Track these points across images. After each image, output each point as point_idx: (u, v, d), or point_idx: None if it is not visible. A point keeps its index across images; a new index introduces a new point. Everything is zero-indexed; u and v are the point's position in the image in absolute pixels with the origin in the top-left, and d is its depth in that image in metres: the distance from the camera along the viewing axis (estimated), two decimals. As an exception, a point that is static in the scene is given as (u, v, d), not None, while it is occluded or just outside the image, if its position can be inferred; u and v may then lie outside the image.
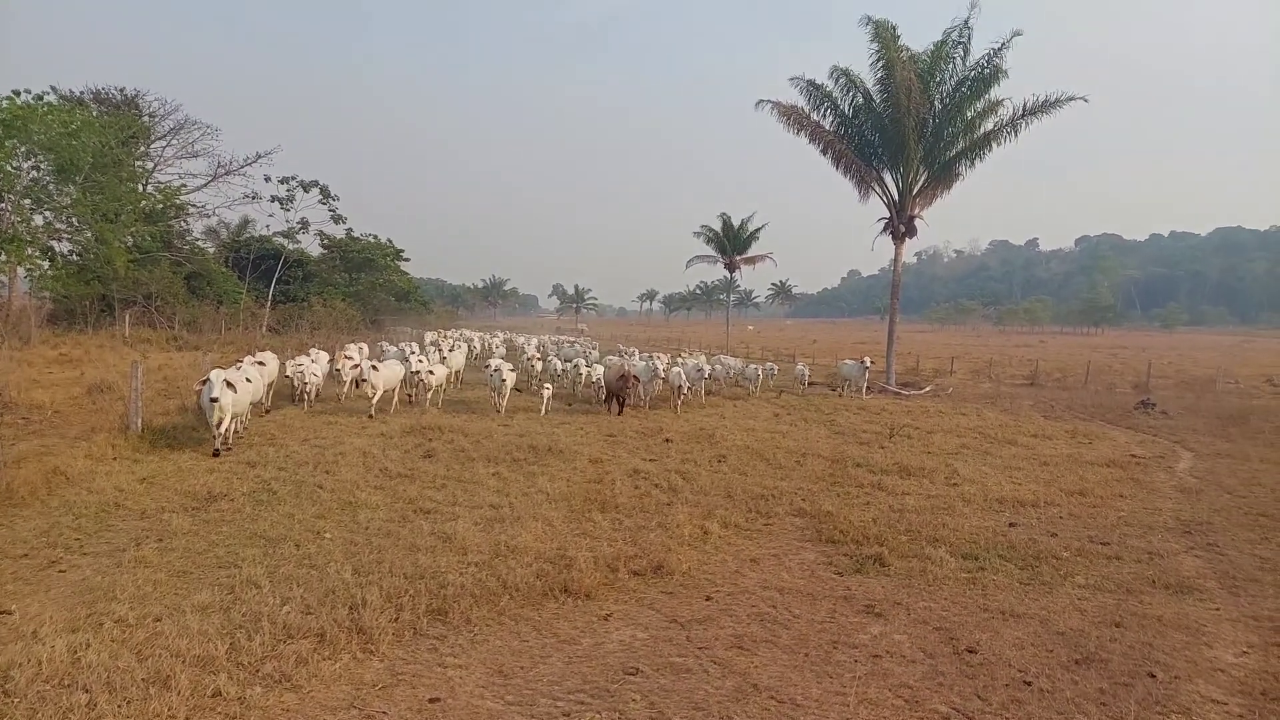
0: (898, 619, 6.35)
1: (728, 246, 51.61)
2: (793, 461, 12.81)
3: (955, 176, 27.39)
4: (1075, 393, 27.99)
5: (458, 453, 12.42)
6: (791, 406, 21.09)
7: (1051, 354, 52.83)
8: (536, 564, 7.12)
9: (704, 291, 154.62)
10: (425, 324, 62.17)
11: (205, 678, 4.81)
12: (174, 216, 43.70)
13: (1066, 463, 13.55)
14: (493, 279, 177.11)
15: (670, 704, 4.84)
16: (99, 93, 42.49)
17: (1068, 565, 7.84)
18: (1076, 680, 5.32)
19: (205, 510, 8.79)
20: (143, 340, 32.32)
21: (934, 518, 9.40)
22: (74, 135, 32.16)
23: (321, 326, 43.19)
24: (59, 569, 6.81)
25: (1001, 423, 18.73)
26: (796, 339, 75.01)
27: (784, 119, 27.54)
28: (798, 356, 41.43)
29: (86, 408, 14.95)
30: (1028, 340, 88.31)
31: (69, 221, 34.27)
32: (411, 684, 5.00)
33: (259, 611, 5.80)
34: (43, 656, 4.89)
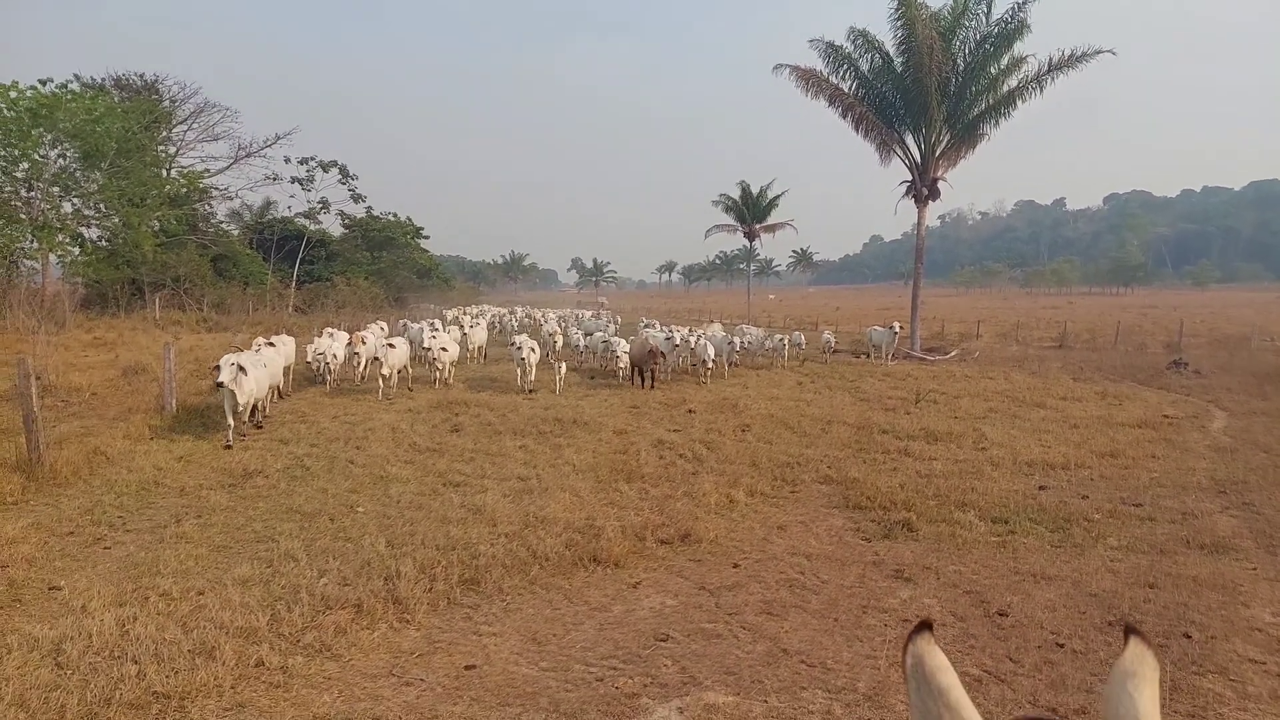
0: (927, 583, 6.37)
1: (747, 215, 51.31)
2: (818, 429, 12.80)
3: (979, 137, 26.87)
4: (1105, 354, 27.61)
5: (484, 427, 12.55)
6: (816, 374, 21.02)
7: (1080, 315, 52.09)
8: (565, 534, 7.22)
9: (724, 261, 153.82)
10: (448, 301, 62.51)
11: (248, 648, 4.95)
12: (198, 200, 44.09)
13: (1097, 424, 13.42)
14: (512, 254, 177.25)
15: (702, 668, 4.92)
16: (120, 79, 42.78)
17: (1099, 527, 7.80)
18: (1110, 641, 5.31)
19: (242, 486, 8.98)
20: (173, 322, 32.77)
21: (962, 482, 9.38)
22: (98, 122, 32.49)
23: (346, 305, 43.55)
24: (104, 545, 7.01)
25: (1030, 386, 18.55)
26: (819, 307, 74.53)
27: (802, 83, 27.12)
28: (821, 324, 41.23)
29: (122, 389, 15.24)
30: (1055, 302, 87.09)
31: (97, 207, 34.74)
32: (448, 652, 5.11)
33: (298, 584, 5.95)
34: (93, 630, 5.06)
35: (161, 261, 36.75)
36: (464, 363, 22.66)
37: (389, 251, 57.83)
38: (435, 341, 17.89)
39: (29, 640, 4.96)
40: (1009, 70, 25.78)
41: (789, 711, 4.40)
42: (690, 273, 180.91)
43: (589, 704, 4.48)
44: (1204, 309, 60.06)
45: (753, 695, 4.59)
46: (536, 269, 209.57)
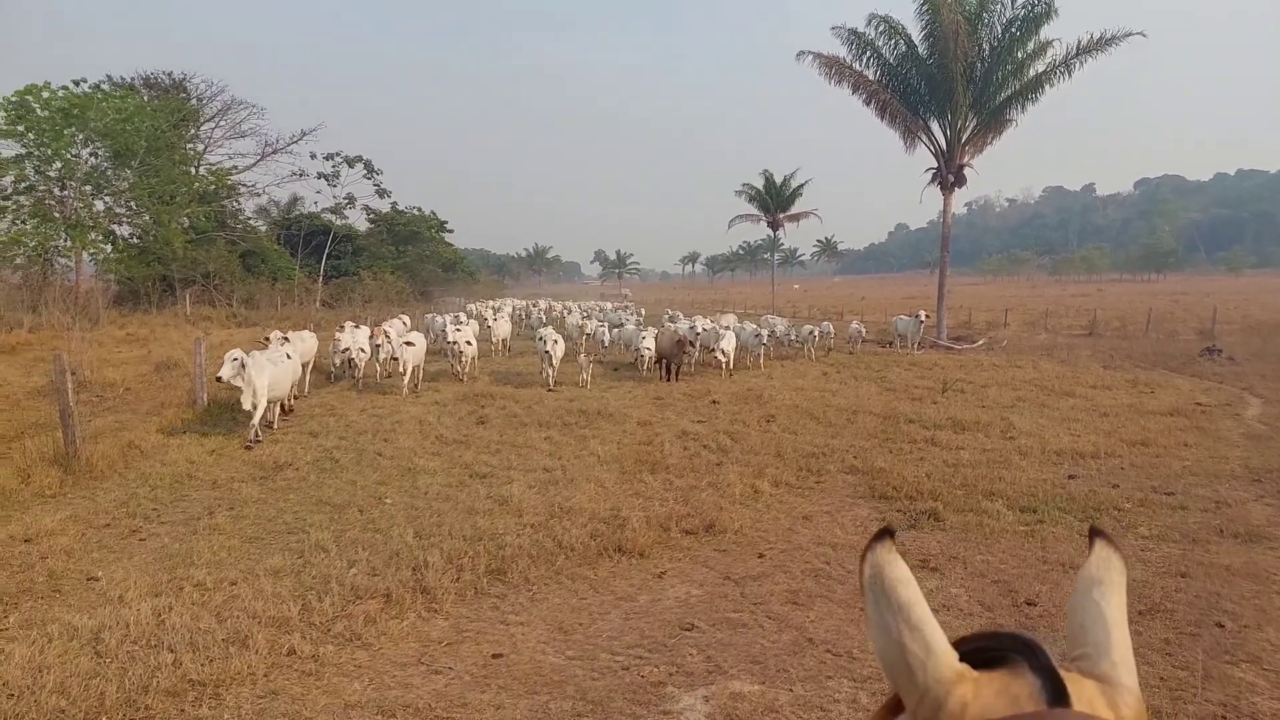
0: (954, 573, 6.34)
1: (770, 204, 50.95)
2: (843, 419, 12.75)
3: (1006, 122, 26.48)
4: (1136, 341, 27.21)
5: (510, 418, 12.63)
6: (841, 364, 20.89)
7: (1110, 302, 51.36)
8: (591, 524, 7.26)
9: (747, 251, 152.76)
10: (473, 294, 62.82)
11: (281, 637, 5.04)
12: (226, 196, 44.69)
13: (1127, 413, 13.25)
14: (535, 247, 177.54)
15: (727, 658, 4.94)
16: (148, 78, 43.39)
17: (1130, 516, 7.71)
18: (1140, 631, 5.27)
19: (272, 479, 9.12)
20: (204, 318, 33.26)
21: (990, 471, 9.30)
22: (128, 121, 33.01)
23: (373, 300, 43.92)
24: (139, 537, 7.15)
25: (1058, 374, 18.33)
26: (844, 296, 74.09)
27: (825, 70, 26.87)
28: (846, 314, 40.97)
29: (155, 384, 15.51)
30: (1085, 289, 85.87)
31: (128, 205, 35.31)
32: (476, 640, 5.17)
33: (328, 574, 6.04)
34: (130, 619, 5.17)
35: (191, 258, 37.30)
36: (487, 355, 22.81)
37: (414, 246, 58.22)
38: (460, 335, 17.59)
39: (69, 629, 5.09)
40: (1036, 54, 25.37)
41: (815, 700, 4.41)
42: (714, 263, 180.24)
43: (615, 692, 4.51)
44: (1238, 295, 58.94)
45: (778, 684, 4.61)
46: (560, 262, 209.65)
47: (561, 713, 4.30)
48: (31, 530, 7.08)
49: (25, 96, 31.42)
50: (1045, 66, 25.33)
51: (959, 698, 0.80)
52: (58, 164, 32.37)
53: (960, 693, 0.80)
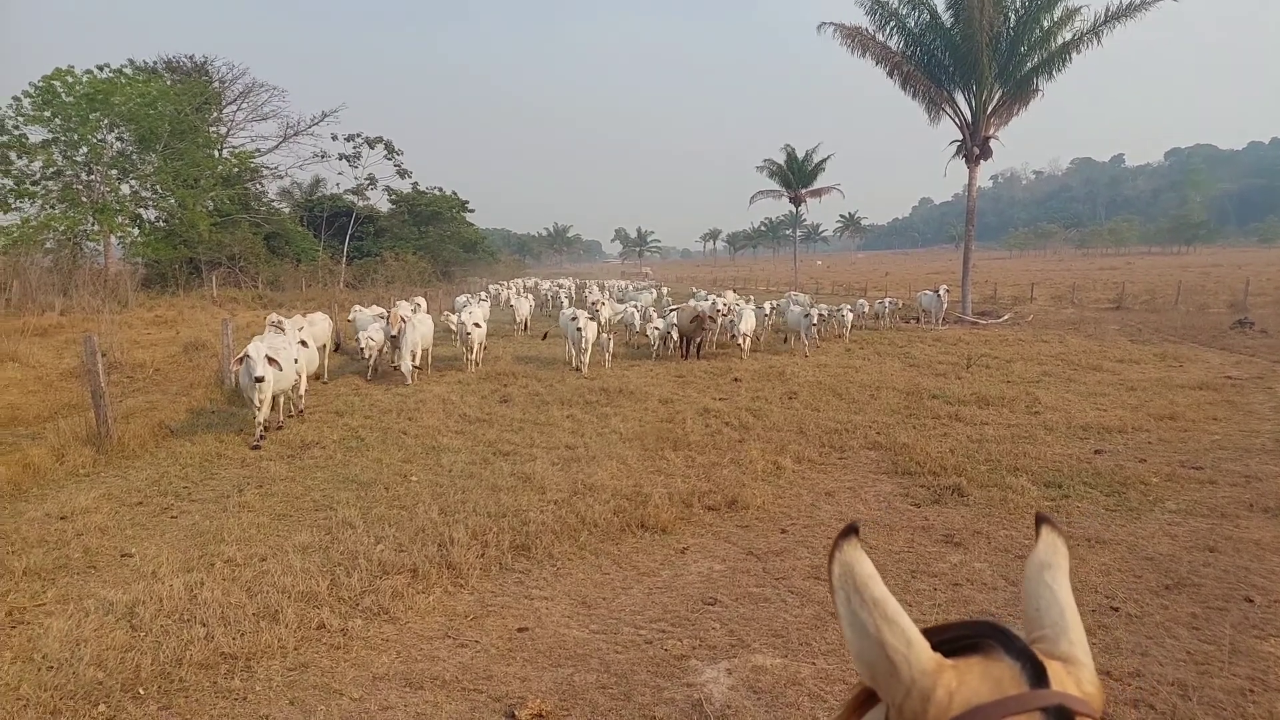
0: (978, 548, 6.32)
1: (792, 180, 50.48)
2: (866, 395, 12.69)
3: (1032, 93, 25.99)
4: (1165, 315, 26.83)
5: (532, 397, 12.70)
6: (864, 341, 20.77)
7: (1139, 275, 50.58)
8: (613, 501, 7.30)
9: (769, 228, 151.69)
10: (494, 273, 62.95)
11: (310, 611, 5.13)
12: (250, 179, 44.99)
13: (1155, 387, 13.08)
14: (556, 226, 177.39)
15: (750, 632, 4.97)
16: (170, 61, 43.64)
17: (1157, 491, 7.64)
18: (1167, 605, 5.24)
19: (300, 457, 9.25)
20: (230, 299, 33.60)
21: (1015, 447, 9.24)
22: (152, 105, 33.29)
23: (395, 280, 44.14)
24: (171, 515, 7.29)
25: (1085, 348, 18.13)
26: (868, 272, 73.46)
27: (848, 41, 26.50)
28: (870, 290, 40.64)
29: (183, 365, 15.74)
30: (1113, 262, 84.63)
31: (153, 189, 35.67)
32: (501, 615, 5.24)
33: (355, 550, 6.13)
34: (163, 594, 5.28)
35: (217, 240, 37.65)
36: (510, 336, 22.89)
37: (435, 226, 58.33)
38: (469, 318, 16.03)
39: (104, 604, 5.21)
40: (1063, 22, 24.86)
41: (837, 673, 4.43)
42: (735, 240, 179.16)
43: (639, 665, 4.56)
44: (1271, 267, 57.71)
45: (801, 657, 4.63)
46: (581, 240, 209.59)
47: (586, 685, 4.36)
48: (67, 508, 7.24)
49: (52, 82, 31.74)
50: (1072, 34, 24.83)
51: (945, 686, 0.82)
52: (84, 149, 32.72)
53: (945, 681, 0.82)
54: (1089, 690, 0.83)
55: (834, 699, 4.20)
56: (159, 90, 34.57)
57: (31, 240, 31.04)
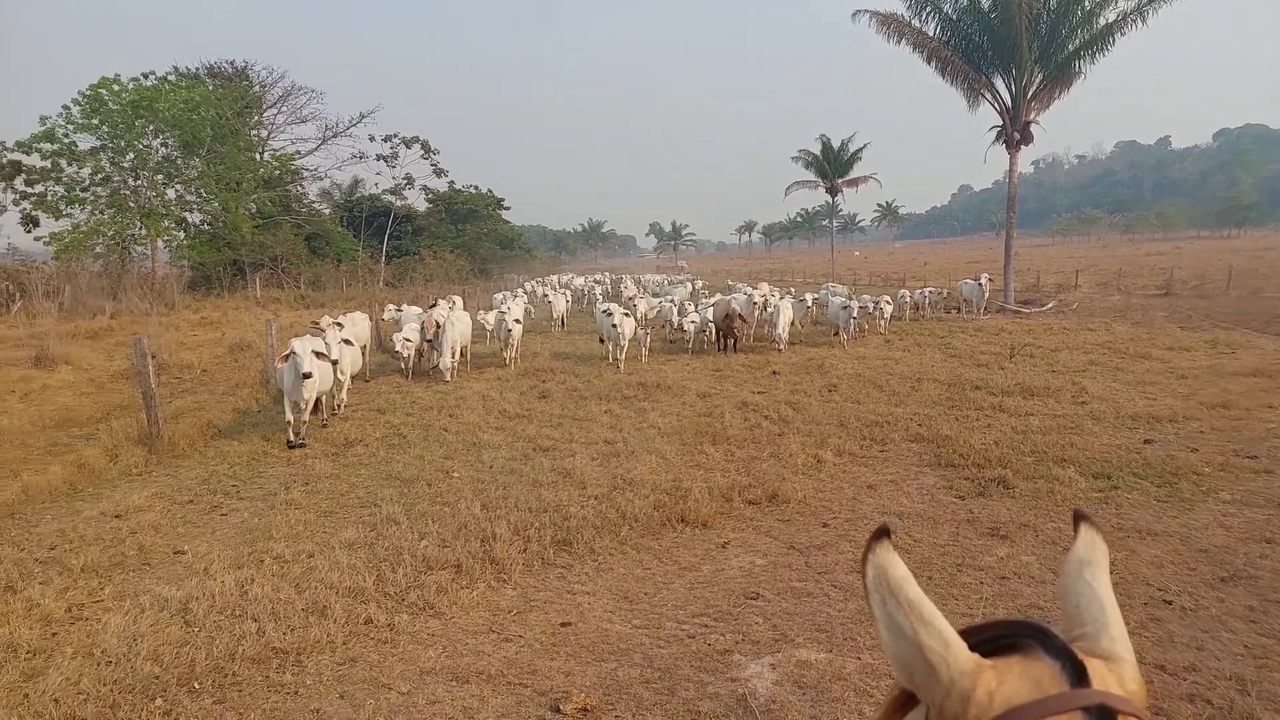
0: (1025, 541, 6.23)
1: (828, 169, 49.90)
2: (907, 387, 12.55)
3: (1074, 76, 25.41)
4: (1215, 300, 26.13)
5: (570, 392, 12.76)
6: (904, 332, 20.53)
7: (1187, 261, 49.28)
8: (653, 495, 7.30)
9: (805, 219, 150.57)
10: (530, 270, 63.27)
11: (357, 606, 5.21)
12: (290, 181, 45.75)
13: (1207, 375, 12.76)
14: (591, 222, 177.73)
15: (793, 626, 4.95)
16: (212, 67, 44.52)
17: (1210, 481, 7.45)
18: (1222, 598, 5.11)
19: (344, 455, 9.39)
20: (273, 300, 34.18)
21: (1061, 438, 9.07)
22: (195, 110, 33.96)
23: (434, 279, 44.58)
24: (220, 512, 7.45)
25: (1133, 336, 17.74)
26: (906, 262, 72.54)
27: (883, 28, 26.15)
28: (909, 280, 40.13)
29: (229, 365, 16.07)
30: (1160, 248, 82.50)
31: (198, 193, 36.45)
32: (544, 609, 5.27)
33: (400, 546, 6.21)
34: (215, 590, 5.41)
35: (259, 242, 38.34)
36: (547, 332, 23.02)
37: (472, 224, 58.77)
38: (508, 314, 16.24)
39: (159, 600, 5.35)
40: (1105, 2, 24.28)
41: (882, 668, 4.39)
42: (771, 232, 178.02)
43: (682, 660, 4.57)
44: (1328, 249, 55.97)
45: (845, 652, 4.60)
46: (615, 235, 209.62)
47: (630, 679, 4.37)
48: (121, 507, 7.45)
49: (99, 90, 32.55)
50: (1116, 15, 24.23)
51: (985, 687, 0.81)
52: (130, 155, 33.53)
53: (985, 681, 0.82)
54: (1131, 688, 0.83)
55: (879, 694, 4.17)
56: (201, 95, 35.30)
57: (82, 245, 31.91)
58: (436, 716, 4.07)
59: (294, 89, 47.22)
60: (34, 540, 6.71)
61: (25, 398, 12.66)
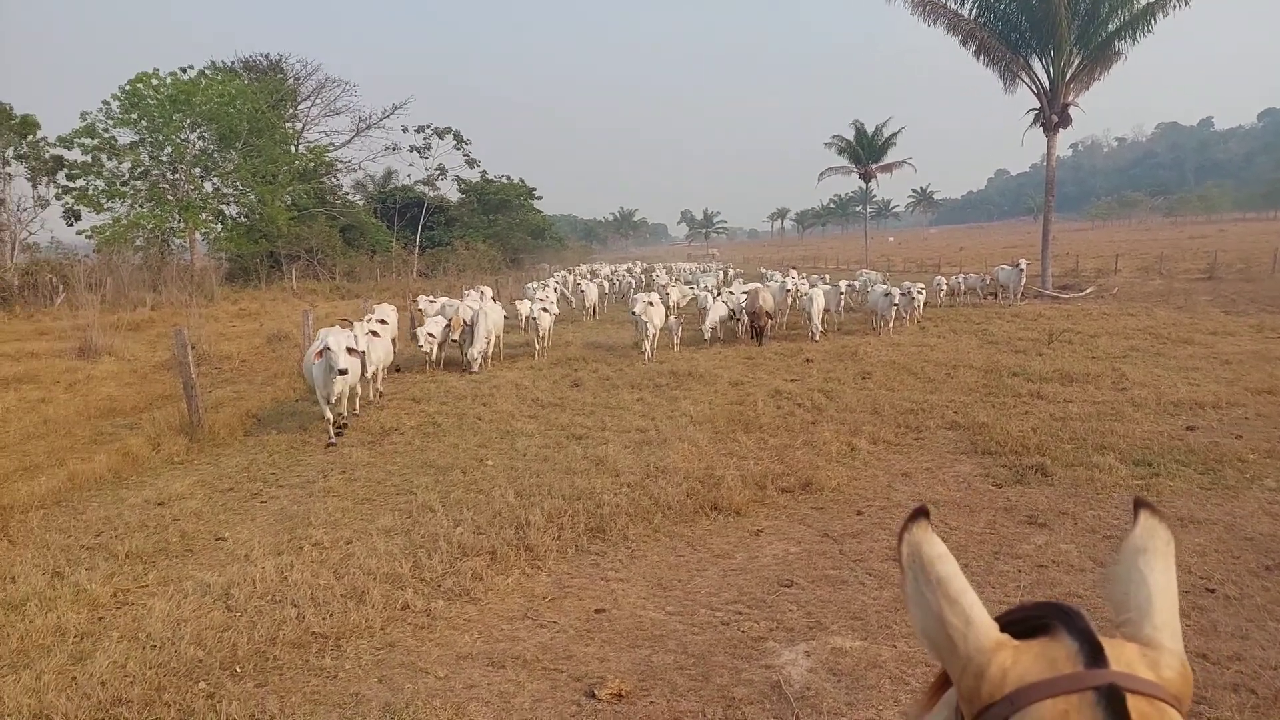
0: (1063, 529, 6.14)
1: (862, 155, 49.33)
2: (943, 374, 12.40)
3: (1114, 56, 24.81)
4: (1261, 284, 25.47)
5: (603, 381, 12.79)
6: (939, 318, 20.28)
7: (1232, 243, 48.05)
8: (686, 483, 7.30)
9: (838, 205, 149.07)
10: (562, 260, 63.43)
11: (395, 592, 5.28)
12: (325, 173, 46.29)
13: (1252, 360, 12.45)
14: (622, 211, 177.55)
15: (828, 614, 4.93)
16: (247, 61, 45.09)
17: (1255, 468, 7.28)
18: (1268, 587, 5.01)
19: (380, 444, 9.50)
20: (309, 291, 34.64)
21: (1101, 424, 8.91)
22: (231, 104, 34.42)
23: (467, 268, 44.88)
24: (260, 500, 7.58)
25: (1175, 321, 17.38)
26: (941, 248, 71.52)
27: (918, 9, 25.74)
28: (944, 266, 39.62)
29: (267, 356, 16.34)
30: (1204, 230, 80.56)
31: (234, 186, 37.02)
32: (578, 596, 5.30)
33: (435, 533, 6.28)
34: (255, 576, 5.51)
35: (295, 234, 38.85)
36: (579, 321, 23.07)
37: (504, 214, 59.03)
38: (536, 305, 16.10)
39: (202, 586, 5.46)
40: (1149, -19, 23.65)
41: (919, 656, 4.36)
42: (804, 219, 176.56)
43: (716, 646, 4.57)
44: (1380, 230, 54.28)
45: (880, 640, 4.57)
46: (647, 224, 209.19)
47: (664, 666, 4.39)
48: (164, 494, 7.61)
49: (137, 85, 33.12)
50: (1157, -6, 23.60)
51: (1000, 664, 0.84)
52: (168, 149, 34.13)
53: (1000, 659, 0.85)
54: (1167, 675, 0.82)
55: (916, 681, 4.14)
56: (237, 89, 35.77)
57: (122, 238, 32.58)
58: (473, 701, 4.11)
59: (328, 81, 47.73)
60: (80, 527, 6.88)
61: (70, 388, 12.97)
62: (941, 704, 1.00)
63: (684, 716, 3.95)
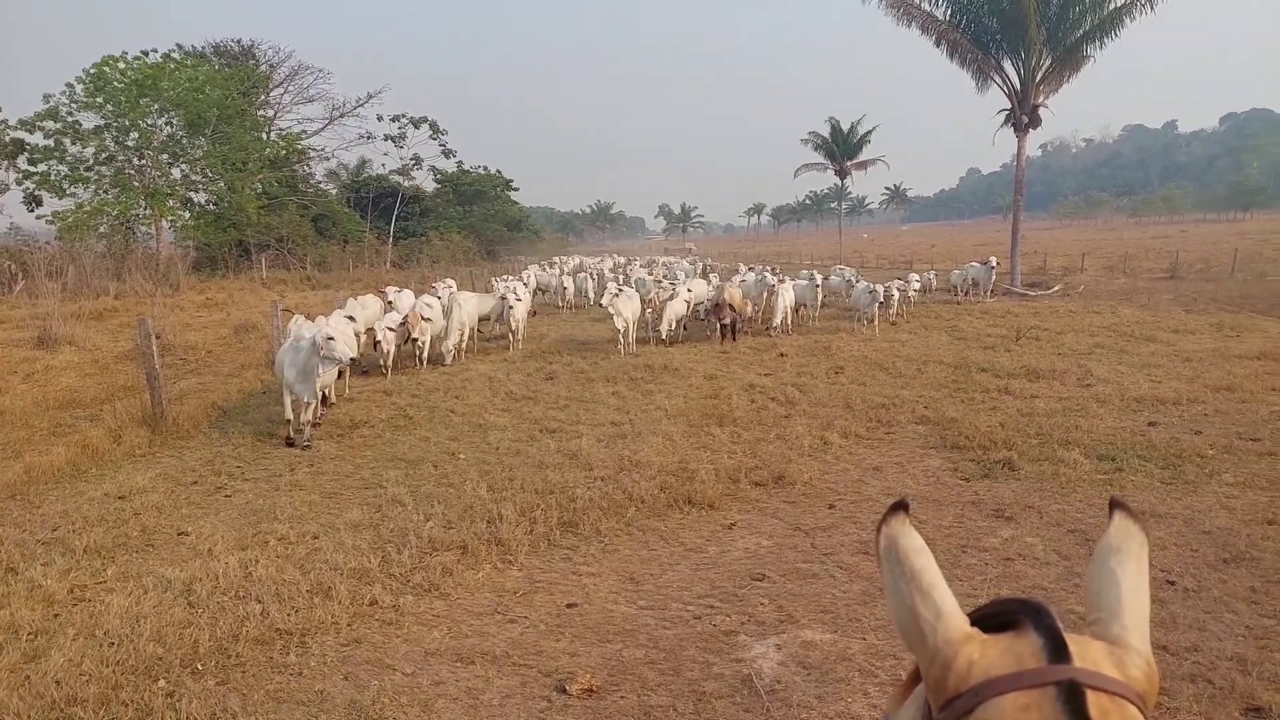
0: (1029, 522, 6.20)
1: (837, 152, 49.61)
2: (913, 370, 12.50)
3: (1083, 59, 25.17)
4: (1221, 284, 25.99)
5: (577, 374, 12.74)
6: (910, 314, 20.43)
7: (1193, 244, 48.96)
8: (659, 477, 7.29)
9: (814, 201, 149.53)
10: (538, 252, 63.14)
11: (362, 588, 5.21)
12: (297, 161, 45.61)
13: (1212, 357, 12.69)
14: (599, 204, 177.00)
15: (798, 607, 4.94)
16: (218, 46, 44.29)
17: (1214, 463, 7.42)
18: (1225, 579, 5.10)
19: (349, 437, 9.39)
20: (279, 281, 34.13)
21: (1066, 420, 9.04)
22: (200, 89, 33.82)
23: (441, 260, 44.50)
24: (224, 494, 7.46)
25: (1139, 319, 17.66)
26: (913, 244, 72.23)
27: (893, 11, 25.92)
28: (916, 263, 39.96)
29: (234, 347, 16.08)
30: (1167, 231, 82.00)
31: (203, 172, 36.36)
32: (549, 591, 5.27)
33: (405, 527, 6.21)
34: (219, 571, 5.41)
35: (265, 223, 38.27)
36: (556, 314, 22.98)
37: (479, 205, 58.54)
38: (510, 294, 15.64)
39: (163, 581, 5.35)
40: (1116, -15, 24.01)
41: (887, 649, 4.38)
42: (779, 214, 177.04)
43: (687, 641, 4.56)
44: (1337, 232, 55.54)
45: (850, 633, 4.59)
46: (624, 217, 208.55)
47: (635, 660, 4.37)
48: (124, 488, 7.45)
49: (102, 68, 32.41)
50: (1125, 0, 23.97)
51: (966, 657, 0.86)
52: (135, 134, 33.43)
53: (967, 652, 0.86)
54: (1133, 674, 0.84)
55: (884, 674, 4.16)
56: (207, 75, 35.13)
57: (86, 225, 31.86)
58: (441, 697, 4.07)
59: (300, 68, 46.98)
60: (37, 521, 6.71)
61: (28, 379, 12.66)
62: (913, 697, 1.01)
63: (654, 711, 3.93)
